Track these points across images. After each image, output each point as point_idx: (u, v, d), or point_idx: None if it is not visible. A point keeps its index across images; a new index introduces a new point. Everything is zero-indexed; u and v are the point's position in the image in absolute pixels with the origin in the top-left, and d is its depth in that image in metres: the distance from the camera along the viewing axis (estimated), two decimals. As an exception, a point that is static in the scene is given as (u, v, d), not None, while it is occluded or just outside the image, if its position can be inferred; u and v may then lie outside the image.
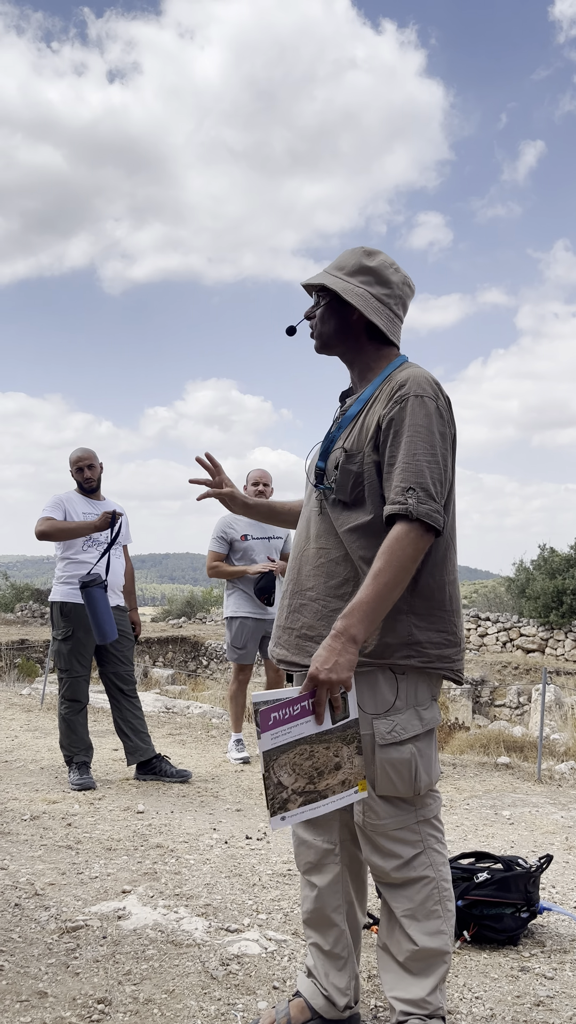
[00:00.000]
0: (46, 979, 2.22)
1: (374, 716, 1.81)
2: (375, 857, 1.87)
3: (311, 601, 1.87)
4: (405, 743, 1.81)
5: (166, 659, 18.25)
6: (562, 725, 9.97)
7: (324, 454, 1.90)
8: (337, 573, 1.84)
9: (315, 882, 1.99)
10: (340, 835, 1.99)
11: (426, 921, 1.85)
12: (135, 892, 2.87)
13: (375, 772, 1.81)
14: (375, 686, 1.81)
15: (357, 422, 1.85)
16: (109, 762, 5.17)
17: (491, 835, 3.84)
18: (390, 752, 1.80)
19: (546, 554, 21.38)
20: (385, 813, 1.83)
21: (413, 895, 1.86)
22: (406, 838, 1.85)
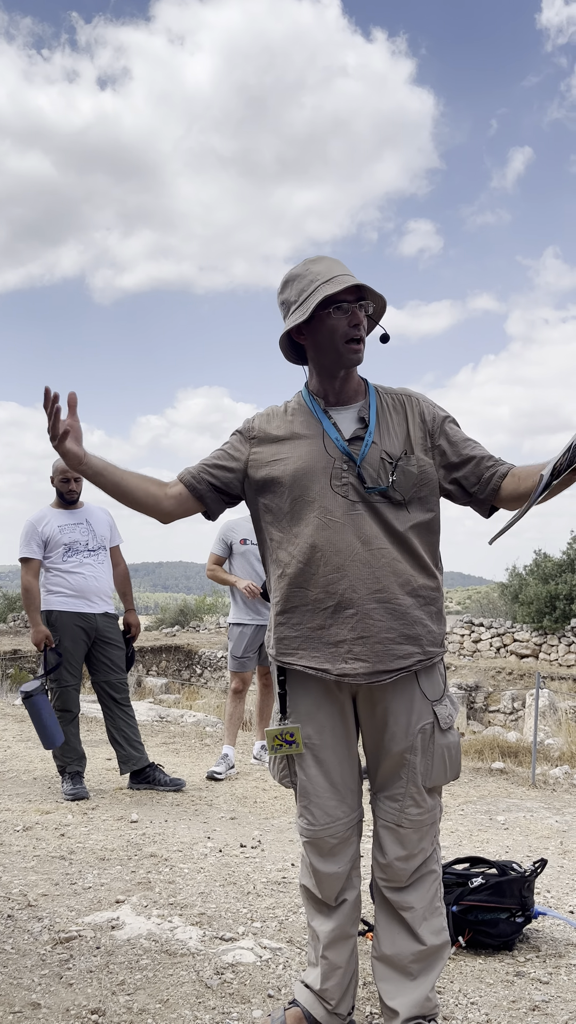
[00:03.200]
0: (39, 990, 2.21)
1: (435, 702, 1.92)
2: (400, 859, 1.93)
3: (381, 603, 1.86)
4: (453, 727, 1.96)
5: (160, 668, 18.20)
6: (556, 730, 9.97)
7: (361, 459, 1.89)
8: (401, 571, 1.87)
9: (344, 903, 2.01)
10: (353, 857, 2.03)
11: (432, 918, 1.95)
12: (129, 902, 2.86)
13: (431, 761, 1.91)
14: (433, 674, 1.94)
15: (383, 429, 1.93)
16: (102, 771, 5.14)
17: (486, 840, 3.83)
18: (448, 736, 1.93)
19: (539, 559, 21.43)
20: (427, 805, 1.93)
21: (424, 892, 1.95)
22: (429, 832, 1.95)
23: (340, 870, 1.98)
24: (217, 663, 17.65)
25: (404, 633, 1.87)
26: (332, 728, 1.95)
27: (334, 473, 1.89)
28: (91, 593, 4.61)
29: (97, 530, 4.73)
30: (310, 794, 1.96)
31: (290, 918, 2.76)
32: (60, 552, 4.58)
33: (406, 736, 1.89)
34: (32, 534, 4.61)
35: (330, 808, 1.95)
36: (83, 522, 4.70)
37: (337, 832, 1.96)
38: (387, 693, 1.89)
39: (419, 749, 1.90)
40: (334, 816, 1.95)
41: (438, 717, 1.91)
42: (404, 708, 1.90)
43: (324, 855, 1.98)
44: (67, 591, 4.56)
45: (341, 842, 1.97)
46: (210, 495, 1.97)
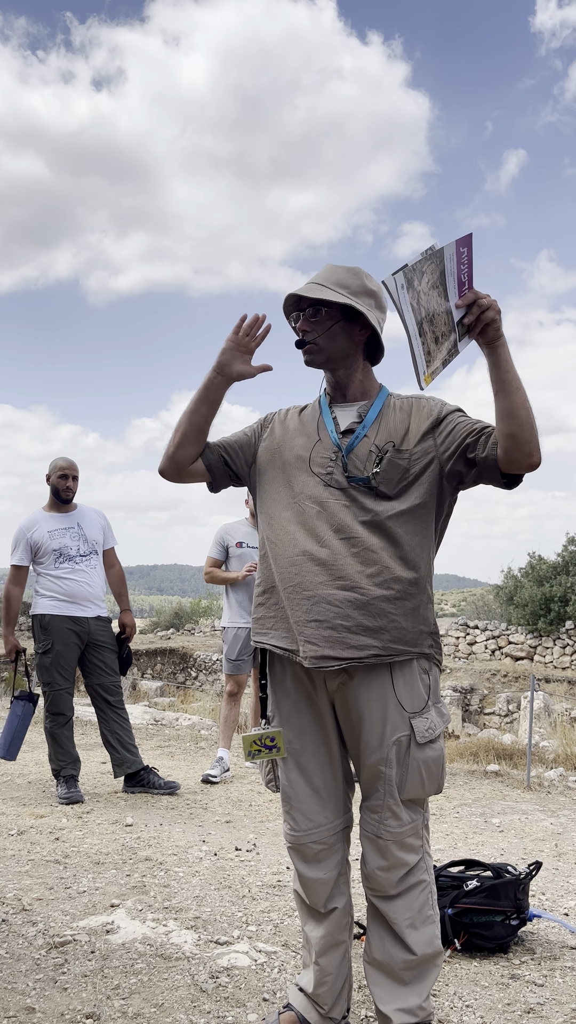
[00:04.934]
0: (34, 995, 2.20)
1: (412, 715, 1.86)
2: (382, 869, 1.89)
3: (343, 591, 1.84)
4: (436, 740, 1.89)
5: (155, 671, 18.17)
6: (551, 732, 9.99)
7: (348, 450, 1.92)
8: (373, 562, 1.85)
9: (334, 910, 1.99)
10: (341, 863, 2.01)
11: (423, 927, 1.90)
12: (123, 906, 2.85)
13: (406, 775, 1.86)
14: (413, 684, 1.87)
15: (382, 426, 1.93)
16: (97, 775, 5.13)
17: (481, 843, 3.84)
18: (426, 751, 1.87)
19: (534, 561, 21.47)
20: (407, 818, 1.88)
21: (412, 902, 1.90)
22: (413, 844, 1.90)
23: (325, 876, 1.96)
24: (212, 666, 17.64)
25: (363, 624, 1.83)
26: (312, 733, 1.94)
27: (322, 463, 1.93)
28: (83, 598, 4.61)
29: (88, 534, 4.72)
30: (292, 799, 1.96)
31: (285, 921, 2.76)
32: (51, 558, 4.58)
33: (380, 747, 1.86)
34: (21, 541, 4.61)
35: (312, 813, 1.94)
36: (74, 526, 4.69)
37: (321, 838, 1.94)
38: (359, 698, 1.86)
39: (393, 761, 1.85)
40: (316, 822, 1.94)
41: (415, 730, 1.85)
42: (377, 717, 1.85)
43: (308, 861, 1.97)
44: (59, 595, 4.56)
45: (326, 848, 1.95)
46: (218, 467, 2.05)
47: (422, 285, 1.64)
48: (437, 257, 1.66)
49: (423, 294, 1.65)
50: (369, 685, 1.85)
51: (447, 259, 1.66)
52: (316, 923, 2.00)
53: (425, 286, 1.65)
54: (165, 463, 2.04)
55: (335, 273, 1.96)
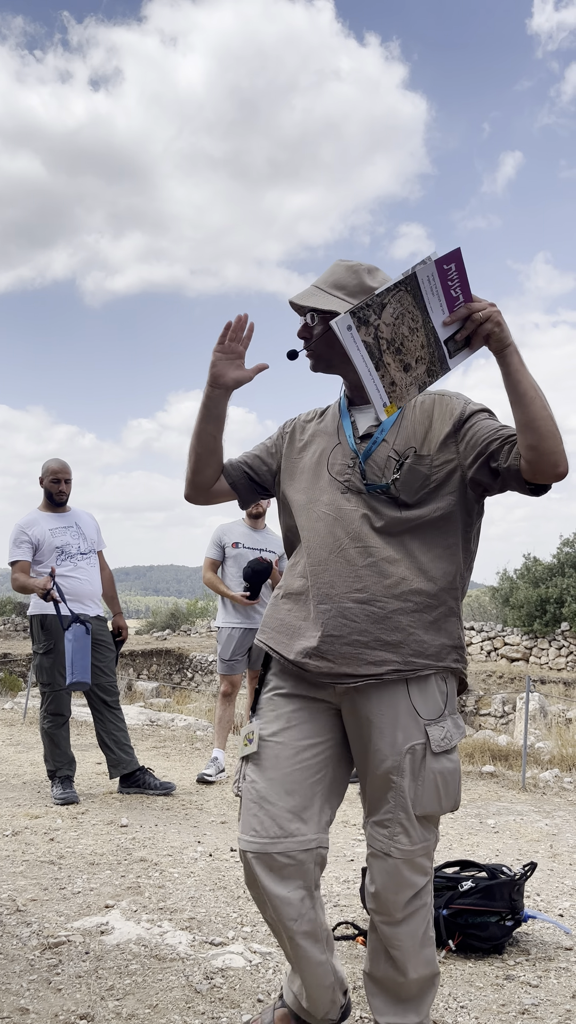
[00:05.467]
0: (28, 995, 2.20)
1: (428, 722, 1.76)
2: (391, 891, 1.77)
3: (360, 604, 1.76)
4: (452, 751, 1.79)
5: (150, 672, 18.16)
6: (547, 733, 10.00)
7: (366, 455, 1.84)
8: (391, 573, 1.76)
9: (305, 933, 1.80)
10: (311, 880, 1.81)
11: (423, 950, 1.82)
12: (118, 907, 2.85)
13: (422, 788, 1.74)
14: (429, 691, 1.78)
15: (402, 429, 1.84)
16: (92, 776, 5.13)
17: (476, 844, 3.84)
18: (442, 761, 1.76)
19: (530, 563, 21.49)
20: (418, 836, 1.77)
21: (415, 929, 1.80)
22: (423, 865, 1.79)
23: (289, 895, 1.74)
24: (208, 667, 17.63)
25: (381, 639, 1.75)
26: (305, 730, 1.81)
27: (340, 469, 1.86)
28: (84, 596, 4.60)
29: (87, 533, 4.72)
30: (265, 798, 1.76)
31: (280, 922, 2.76)
32: (53, 556, 4.57)
33: (392, 754, 1.74)
34: (21, 538, 4.59)
35: (284, 820, 1.74)
36: (73, 525, 4.70)
37: (289, 849, 1.73)
38: (371, 703, 1.76)
39: (407, 771, 1.74)
40: (287, 830, 1.74)
41: (430, 738, 1.74)
42: (389, 723, 1.75)
43: (273, 871, 1.74)
44: (60, 594, 4.55)
45: (293, 866, 1.74)
46: (243, 483, 2.02)
47: (384, 317, 1.57)
48: (408, 285, 1.56)
49: (385, 326, 1.57)
50: (381, 690, 1.76)
51: (424, 283, 1.56)
52: (286, 943, 1.82)
53: (388, 317, 1.57)
54: (188, 489, 2.00)
55: (335, 273, 1.89)
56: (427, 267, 1.55)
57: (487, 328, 1.62)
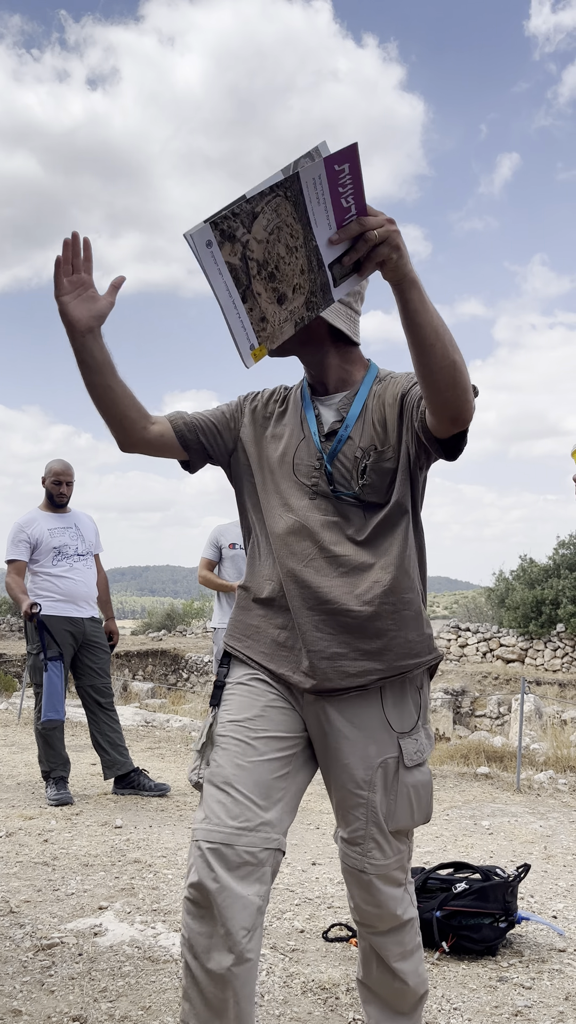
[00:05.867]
0: (21, 997, 2.19)
1: (401, 735, 1.66)
2: (371, 904, 1.70)
3: (332, 615, 1.65)
4: (424, 764, 1.70)
5: (146, 672, 18.14)
6: (542, 735, 10.01)
7: (331, 457, 1.69)
8: (364, 579, 1.65)
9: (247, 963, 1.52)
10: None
11: (413, 956, 1.77)
12: (112, 908, 2.84)
13: (395, 803, 1.65)
14: (403, 702, 1.68)
15: (366, 421, 1.69)
16: (87, 776, 5.12)
17: (470, 845, 3.84)
18: (415, 774, 1.67)
19: (526, 564, 21.52)
20: (392, 850, 1.68)
21: (403, 937, 1.75)
22: (398, 878, 1.72)
23: (251, 896, 1.51)
24: (204, 668, 17.61)
25: (361, 648, 1.64)
26: (274, 722, 1.65)
27: (306, 471, 1.70)
28: (80, 598, 4.61)
29: (85, 536, 4.73)
30: (232, 784, 1.57)
31: (274, 924, 2.75)
32: (50, 556, 4.58)
33: (364, 768, 1.63)
34: (19, 537, 4.60)
35: (249, 810, 1.55)
36: (72, 526, 4.71)
37: (252, 844, 1.53)
38: (343, 714, 1.65)
39: (379, 786, 1.63)
40: (253, 821, 1.54)
41: (403, 752, 1.65)
42: (361, 735, 1.64)
43: (232, 869, 1.51)
44: (56, 595, 4.55)
45: (253, 866, 1.52)
46: (196, 448, 1.77)
47: (255, 231, 1.22)
48: (288, 190, 1.22)
49: (256, 243, 1.24)
50: (356, 700, 1.65)
51: (309, 187, 1.22)
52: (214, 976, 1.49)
53: (261, 231, 1.23)
54: (118, 441, 1.73)
55: None
56: (314, 166, 1.21)
57: (382, 252, 1.32)
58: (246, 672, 1.71)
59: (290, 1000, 2.23)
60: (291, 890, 3.09)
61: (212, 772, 1.60)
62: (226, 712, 1.67)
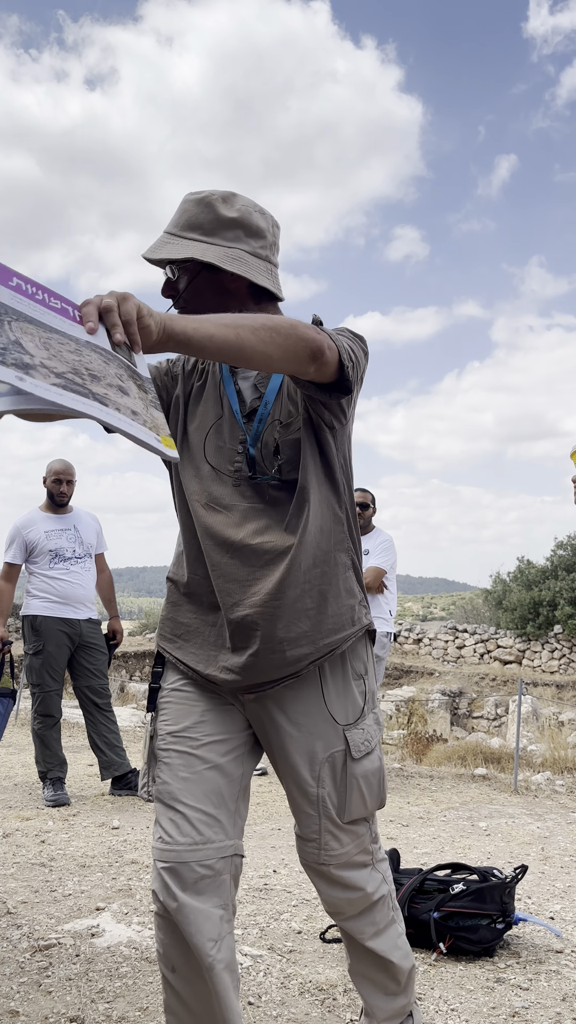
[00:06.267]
0: (18, 998, 2.19)
1: (346, 727, 1.61)
2: (339, 893, 1.67)
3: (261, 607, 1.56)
4: (373, 751, 1.65)
5: (143, 674, 18.12)
6: (539, 736, 10.02)
7: (254, 439, 1.59)
8: (284, 563, 1.56)
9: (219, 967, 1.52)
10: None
11: (387, 932, 1.74)
12: (109, 909, 2.84)
13: (346, 796, 1.61)
14: (347, 691, 1.62)
15: (282, 396, 1.60)
16: (84, 777, 5.12)
17: (468, 846, 3.84)
18: (364, 764, 1.62)
19: (523, 566, 21.55)
20: (349, 839, 1.64)
21: (375, 916, 1.72)
22: (363, 860, 1.68)
23: (209, 908, 1.51)
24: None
25: (286, 636, 1.56)
26: (216, 724, 1.61)
27: (229, 455, 1.60)
28: (76, 600, 4.61)
29: (84, 537, 4.73)
30: (180, 799, 1.55)
31: (271, 925, 2.75)
32: (46, 558, 4.58)
33: (311, 766, 1.59)
34: (16, 538, 4.61)
35: (201, 823, 1.54)
36: (71, 528, 4.70)
37: (207, 858, 1.51)
38: (284, 710, 1.59)
39: (327, 781, 1.60)
40: (205, 836, 1.53)
41: (350, 744, 1.60)
42: (305, 732, 1.59)
43: (187, 888, 1.50)
44: (52, 597, 4.56)
45: (210, 877, 1.52)
46: None
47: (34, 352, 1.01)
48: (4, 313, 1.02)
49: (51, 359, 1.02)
50: (295, 694, 1.59)
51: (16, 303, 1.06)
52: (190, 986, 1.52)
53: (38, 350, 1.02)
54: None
55: (185, 212, 1.58)
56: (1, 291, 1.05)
57: (129, 310, 1.14)
58: (179, 677, 1.65)
59: (287, 1001, 2.22)
60: (288, 891, 3.09)
61: (159, 790, 1.58)
62: (164, 723, 1.62)
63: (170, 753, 1.59)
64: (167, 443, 1.12)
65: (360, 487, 5.30)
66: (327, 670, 1.61)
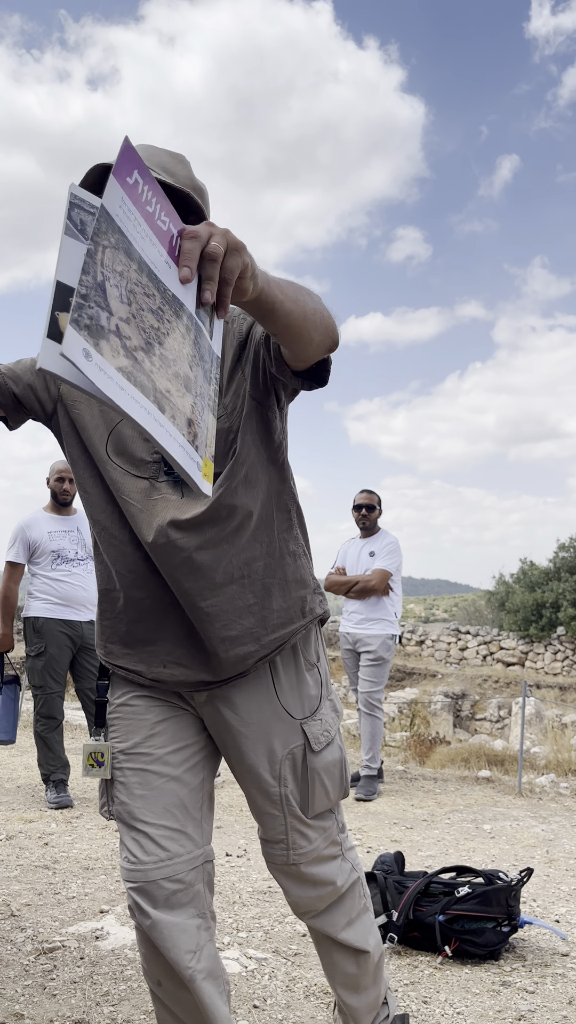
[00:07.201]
0: (23, 1001, 2.18)
1: (303, 720, 1.56)
2: (308, 891, 1.63)
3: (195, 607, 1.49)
4: (333, 740, 1.60)
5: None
6: (542, 738, 10.00)
7: None
8: (215, 558, 1.47)
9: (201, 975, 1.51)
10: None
11: (360, 920, 1.71)
12: (113, 912, 2.83)
13: (309, 791, 1.56)
14: (300, 682, 1.57)
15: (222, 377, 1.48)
16: (86, 780, 5.11)
17: (472, 849, 3.83)
18: (324, 756, 1.57)
19: (526, 567, 21.53)
20: (316, 835, 1.60)
21: (346, 905, 1.68)
22: (333, 853, 1.64)
23: (184, 921, 1.49)
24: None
25: (228, 635, 1.48)
26: (171, 733, 1.56)
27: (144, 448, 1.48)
28: (77, 602, 4.60)
29: (87, 539, 4.73)
30: (139, 818, 1.51)
31: (276, 928, 2.75)
32: (48, 559, 4.57)
33: (270, 765, 1.55)
34: (19, 538, 4.60)
35: (165, 838, 1.50)
36: (74, 530, 4.70)
37: (175, 873, 1.49)
38: (238, 710, 1.54)
39: (289, 778, 1.55)
40: (171, 851, 1.50)
41: (308, 738, 1.55)
42: (260, 731, 1.54)
43: (159, 905, 1.48)
44: (54, 598, 4.55)
45: (182, 889, 1.50)
46: (11, 405, 1.52)
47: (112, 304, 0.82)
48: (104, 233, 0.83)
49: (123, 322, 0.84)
50: (246, 693, 1.54)
51: (122, 220, 0.86)
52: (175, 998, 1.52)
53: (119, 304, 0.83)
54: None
55: (156, 155, 1.45)
56: (111, 189, 0.84)
57: (235, 264, 0.99)
58: (127, 689, 1.58)
59: (292, 1004, 2.22)
60: (293, 894, 3.08)
61: (118, 810, 1.54)
62: (116, 740, 1.57)
63: (124, 772, 1.54)
64: (206, 468, 0.98)
65: (366, 488, 5.30)
66: (279, 664, 1.56)
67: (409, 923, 2.57)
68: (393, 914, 2.58)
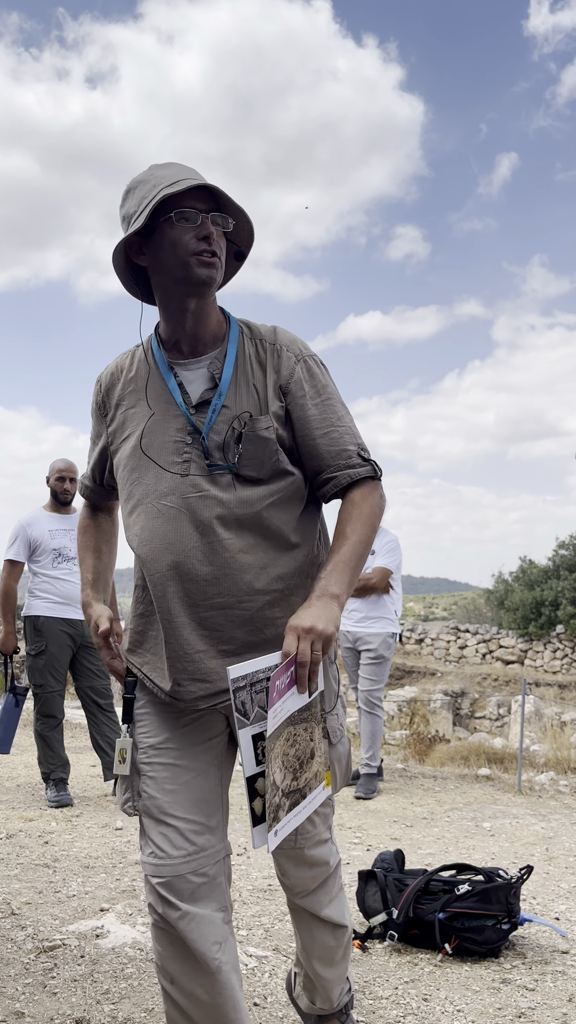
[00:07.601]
0: (23, 999, 2.18)
1: (327, 713, 1.61)
2: (305, 872, 1.72)
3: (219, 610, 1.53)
4: (344, 733, 1.69)
5: (145, 674, 18.15)
6: (542, 736, 10.01)
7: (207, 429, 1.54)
8: (250, 565, 1.52)
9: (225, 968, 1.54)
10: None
11: (339, 897, 1.83)
12: (113, 910, 2.84)
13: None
14: (327, 685, 1.60)
15: (240, 385, 1.57)
16: (87, 778, 5.11)
17: (472, 847, 3.83)
18: (339, 748, 1.64)
19: (525, 566, 21.54)
20: (320, 820, 1.69)
21: (330, 884, 1.80)
22: (327, 836, 1.74)
23: (211, 913, 1.52)
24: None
25: (248, 641, 1.53)
26: (197, 731, 1.60)
27: (176, 448, 1.54)
28: (76, 601, 4.60)
29: None
30: (168, 813, 1.53)
31: (276, 926, 2.75)
32: (49, 557, 4.57)
33: None
34: (20, 536, 4.60)
35: (193, 833, 1.53)
36: (74, 528, 4.70)
37: (202, 867, 1.52)
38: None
39: None
40: (199, 845, 1.53)
41: (328, 732, 1.59)
42: None
43: (186, 898, 1.51)
44: (54, 597, 4.55)
45: (206, 883, 1.53)
46: (112, 494, 1.81)
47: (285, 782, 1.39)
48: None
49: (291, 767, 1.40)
50: None
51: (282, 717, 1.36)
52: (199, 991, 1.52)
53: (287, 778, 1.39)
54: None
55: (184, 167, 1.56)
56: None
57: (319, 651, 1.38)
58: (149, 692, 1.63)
59: (293, 1002, 2.22)
60: (293, 892, 3.08)
61: (146, 804, 1.56)
62: (144, 735, 1.60)
63: (154, 766, 1.56)
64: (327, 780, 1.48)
65: None
66: None
67: (409, 921, 2.57)
68: (393, 912, 2.58)
